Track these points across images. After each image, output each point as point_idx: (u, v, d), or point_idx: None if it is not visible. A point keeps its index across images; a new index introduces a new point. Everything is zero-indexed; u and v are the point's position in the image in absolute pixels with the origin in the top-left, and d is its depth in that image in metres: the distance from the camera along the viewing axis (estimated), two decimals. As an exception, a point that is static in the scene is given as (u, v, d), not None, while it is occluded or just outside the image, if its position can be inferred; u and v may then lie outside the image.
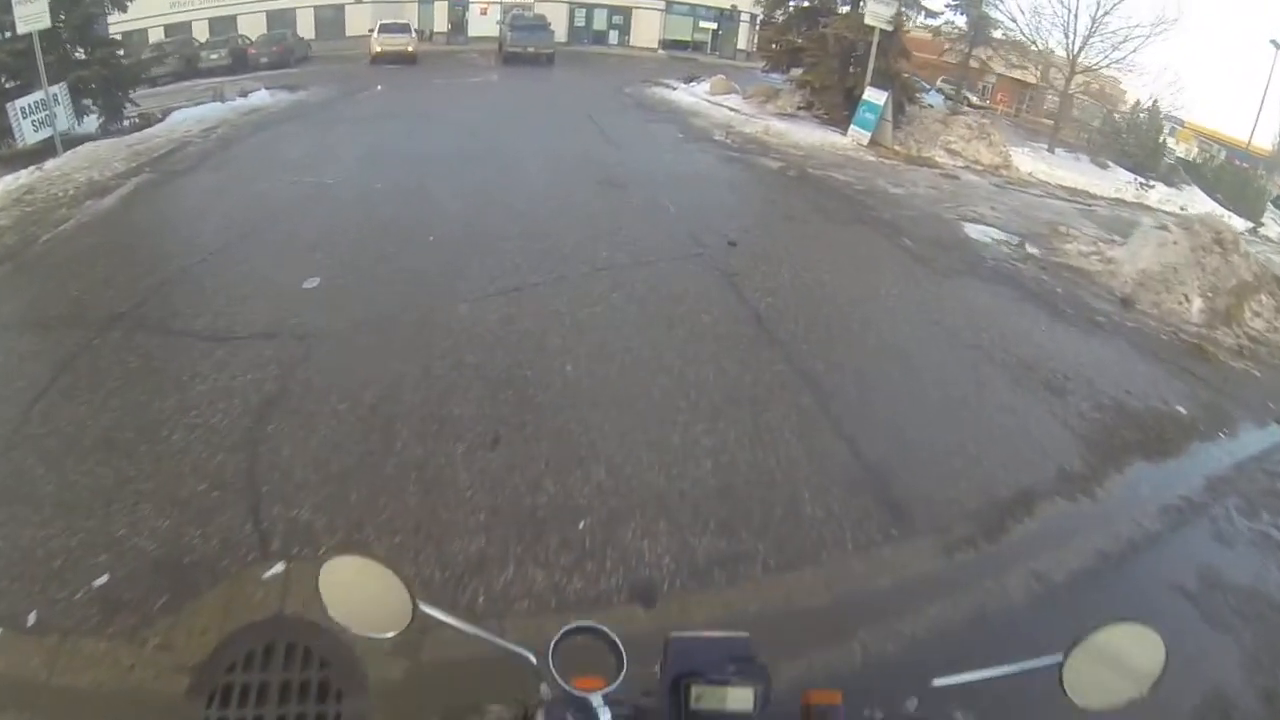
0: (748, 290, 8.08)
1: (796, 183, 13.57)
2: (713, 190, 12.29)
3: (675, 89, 26.08)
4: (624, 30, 53.69)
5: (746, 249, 9.35)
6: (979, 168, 19.07)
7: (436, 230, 9.50)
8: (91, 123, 17.82)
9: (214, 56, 41.33)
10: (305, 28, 50.80)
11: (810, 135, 18.25)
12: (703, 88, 25.18)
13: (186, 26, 48.98)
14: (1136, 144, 33.74)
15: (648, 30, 53.20)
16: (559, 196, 11.13)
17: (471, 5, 52.35)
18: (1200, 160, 39.09)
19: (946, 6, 23.30)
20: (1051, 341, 8.15)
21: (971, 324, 8.23)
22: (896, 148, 18.61)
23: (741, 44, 55.70)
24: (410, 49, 37.12)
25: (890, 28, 19.13)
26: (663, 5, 52.39)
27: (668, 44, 52.60)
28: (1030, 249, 11.30)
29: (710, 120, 19.37)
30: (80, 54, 17.86)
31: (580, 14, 53.33)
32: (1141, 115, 35.19)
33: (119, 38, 24.69)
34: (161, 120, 18.85)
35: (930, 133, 19.92)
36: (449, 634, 1.55)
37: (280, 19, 51.39)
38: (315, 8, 52.02)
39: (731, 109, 21.01)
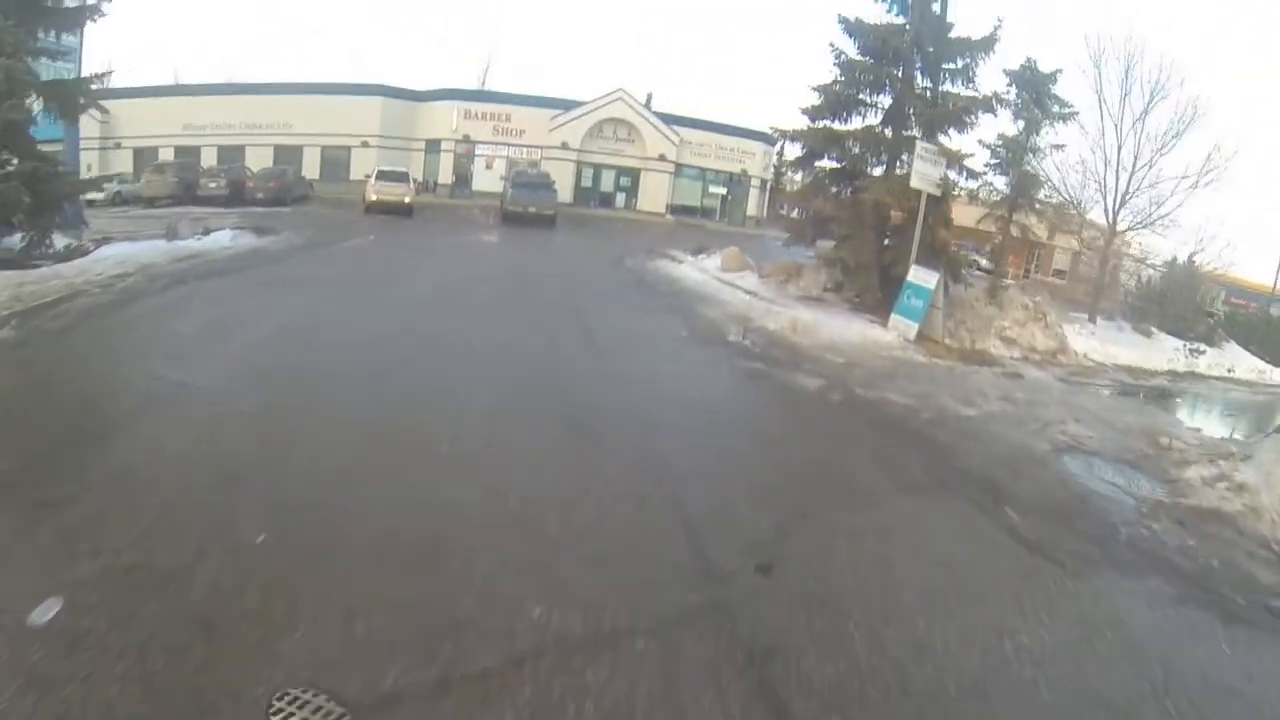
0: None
1: (844, 414, 9.72)
2: (729, 438, 8.35)
3: (682, 262, 23.17)
4: (631, 193, 52.18)
5: (788, 580, 5.17)
6: (1036, 356, 15.89)
7: (270, 525, 4.94)
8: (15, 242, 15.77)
9: (212, 185, 40.01)
10: (311, 167, 49.37)
11: (846, 330, 14.70)
12: (713, 262, 22.16)
13: (195, 151, 48.74)
14: (1177, 305, 31.54)
15: (656, 194, 51.47)
16: (494, 459, 6.68)
17: (476, 158, 51.14)
18: (1228, 311, 37.28)
19: (986, 166, 20.16)
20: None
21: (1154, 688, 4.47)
22: (948, 341, 15.21)
23: (751, 210, 54.12)
24: (407, 200, 34.66)
25: (938, 192, 16.06)
26: (671, 169, 51.57)
27: (675, 209, 51.17)
28: (1152, 488, 7.91)
29: (723, 309, 15.98)
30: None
31: (588, 174, 51.89)
32: (1179, 273, 33.06)
33: (61, 149, 22.01)
34: (88, 254, 16.31)
35: (982, 318, 16.53)
36: None
37: (287, 155, 49.78)
38: (322, 148, 50.45)
39: (747, 291, 17.73)
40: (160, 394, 7.49)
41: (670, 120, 50.73)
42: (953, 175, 17.37)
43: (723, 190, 52.68)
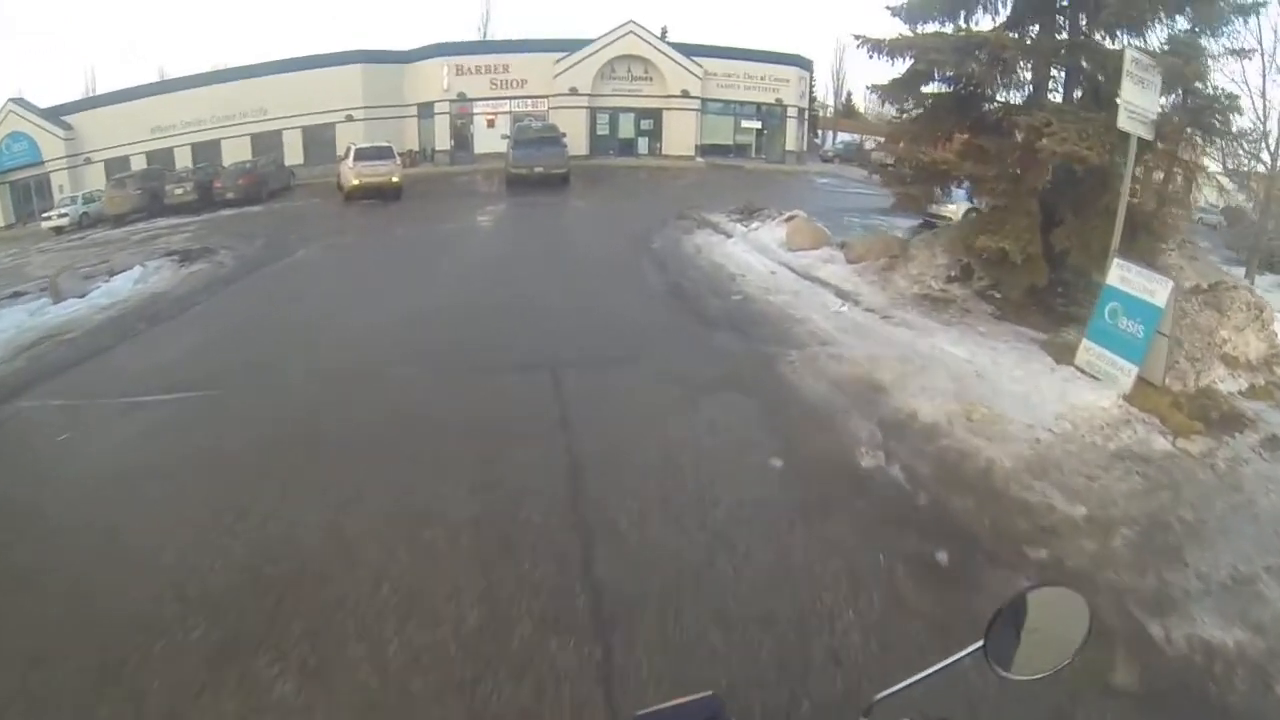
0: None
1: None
2: None
3: (730, 236, 17.09)
4: (655, 136, 44.56)
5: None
6: (1262, 380, 9.57)
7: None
8: None
9: (179, 191, 36.53)
10: (294, 151, 43.45)
11: (1029, 388, 8.27)
12: (772, 233, 16.07)
13: (169, 154, 43.00)
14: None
15: (682, 135, 43.73)
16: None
17: (475, 117, 44.19)
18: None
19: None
20: None
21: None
22: (1170, 384, 8.91)
23: (790, 144, 46.13)
24: (395, 179, 28.51)
25: (1150, 135, 9.57)
26: (697, 105, 43.80)
27: (706, 150, 43.47)
28: None
29: (820, 355, 9.16)
30: None
31: (603, 120, 44.45)
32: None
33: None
34: None
35: (1201, 331, 10.05)
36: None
37: (266, 142, 43.89)
38: (303, 129, 44.27)
39: (839, 294, 11.57)
40: None
41: (690, 51, 43.52)
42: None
43: (757, 124, 45.56)
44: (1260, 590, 4.88)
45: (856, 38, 11.92)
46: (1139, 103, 9.06)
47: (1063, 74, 11.32)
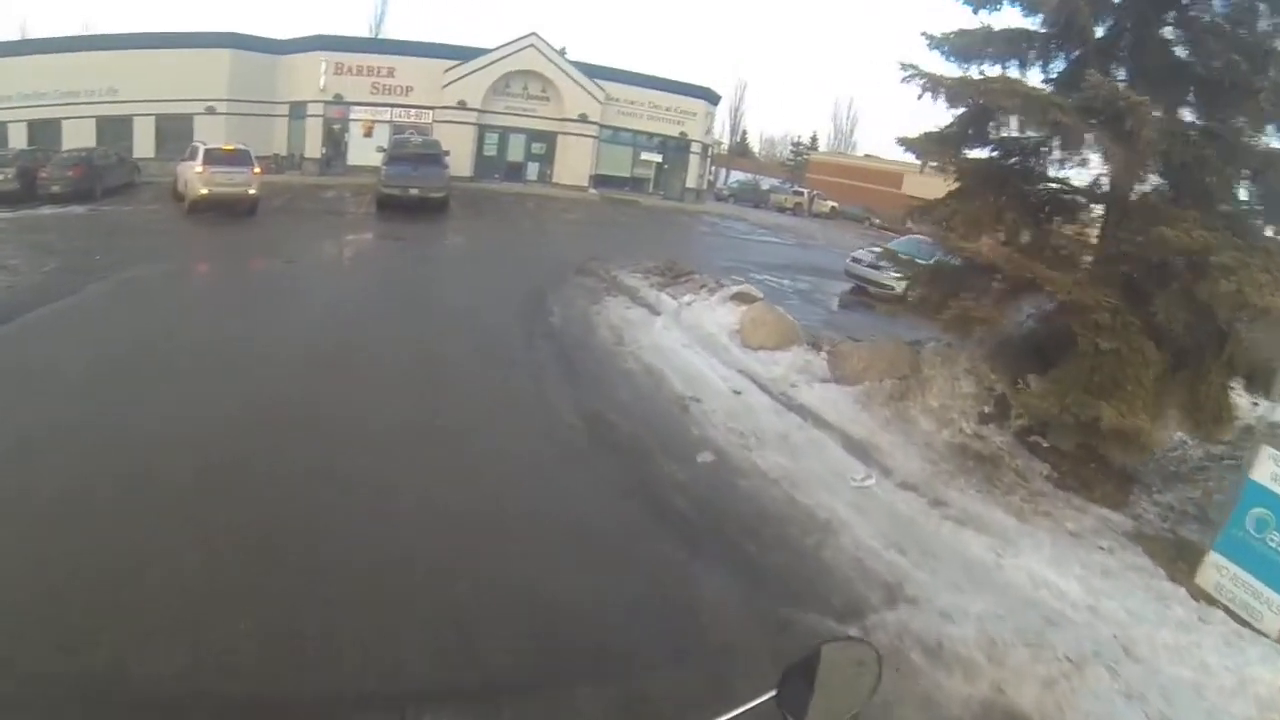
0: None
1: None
2: None
3: (656, 313, 13.32)
4: (546, 162, 39.96)
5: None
6: None
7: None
8: None
9: None
10: (144, 142, 37.47)
11: (1159, 638, 5.04)
12: (713, 315, 12.31)
13: (2, 130, 36.88)
14: None
15: (576, 163, 39.28)
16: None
17: (351, 123, 37.87)
18: None
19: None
20: None
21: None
22: None
23: (691, 181, 42.52)
24: (250, 191, 23.50)
25: None
26: (595, 132, 39.50)
27: (600, 181, 39.27)
28: None
29: (911, 640, 4.84)
30: None
31: (492, 140, 39.38)
32: None
33: None
34: None
35: None
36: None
37: (114, 128, 37.68)
38: (157, 117, 38.16)
39: (848, 440, 7.84)
40: None
41: (594, 73, 39.57)
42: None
43: (658, 158, 41.95)
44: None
45: (905, 68, 8.14)
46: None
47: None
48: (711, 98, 44.11)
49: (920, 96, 8.13)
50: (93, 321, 12.51)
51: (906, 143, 9.21)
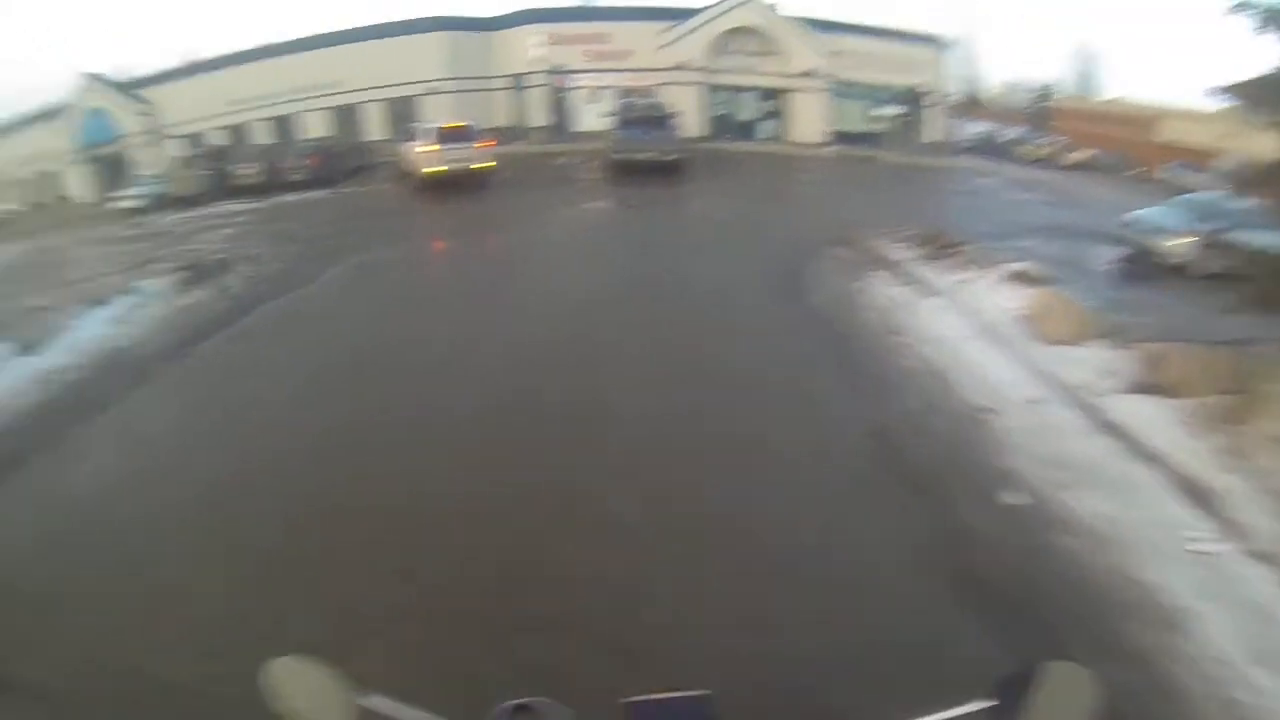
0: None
1: None
2: None
3: (925, 293, 10.89)
4: (778, 118, 37.45)
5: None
6: None
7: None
8: None
9: (245, 173, 31.29)
10: (374, 127, 38.26)
11: None
12: (992, 299, 9.87)
13: (246, 129, 41.00)
14: None
15: (808, 119, 36.30)
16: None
17: (572, 91, 37.03)
18: None
19: None
20: None
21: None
22: None
23: (930, 134, 38.88)
24: (478, 165, 22.63)
25: None
26: (825, 87, 36.44)
27: (835, 137, 35.78)
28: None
29: None
30: None
31: (719, 100, 37.26)
32: None
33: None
34: None
35: None
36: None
37: (345, 118, 38.53)
38: (384, 102, 38.97)
39: (1194, 487, 5.31)
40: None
41: (819, 26, 36.92)
42: None
43: (893, 111, 38.56)
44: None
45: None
46: None
47: None
48: (944, 45, 40.22)
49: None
50: (329, 306, 12.04)
51: (1233, 89, 7.76)
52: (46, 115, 43.28)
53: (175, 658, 4.06)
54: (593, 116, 34.08)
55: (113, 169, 42.01)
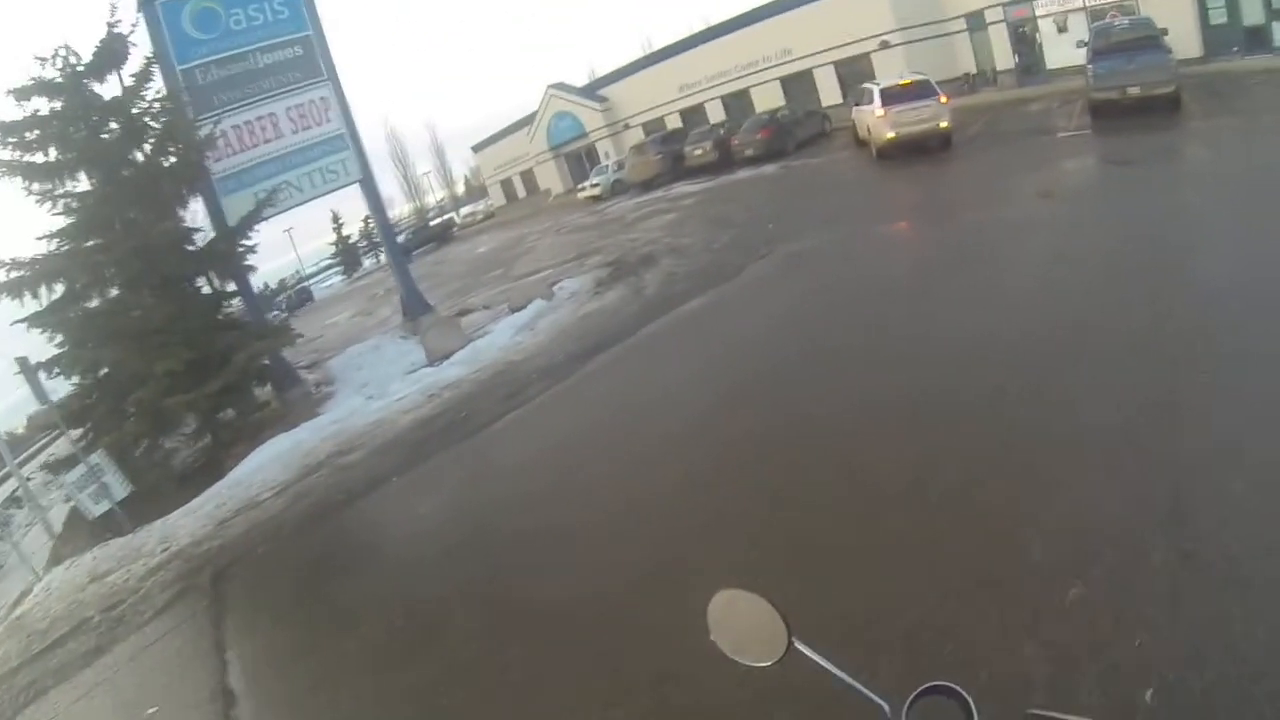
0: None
1: None
2: None
3: None
4: None
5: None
6: None
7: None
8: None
9: (697, 153, 34.63)
10: (829, 90, 38.77)
11: None
12: None
13: (699, 110, 44.98)
14: None
15: None
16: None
17: (1040, 21, 33.18)
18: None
19: None
20: None
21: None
22: None
23: None
24: (940, 124, 21.28)
25: None
26: None
27: None
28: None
29: None
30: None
31: (1216, 4, 29.98)
32: None
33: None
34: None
35: None
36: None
37: (797, 86, 40.01)
38: (834, 64, 38.27)
39: None
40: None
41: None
42: None
43: None
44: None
45: None
46: None
47: None
48: None
49: None
50: (755, 309, 11.49)
51: None
52: (522, 124, 55.14)
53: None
54: (1065, 49, 30.00)
55: (578, 162, 51.59)
